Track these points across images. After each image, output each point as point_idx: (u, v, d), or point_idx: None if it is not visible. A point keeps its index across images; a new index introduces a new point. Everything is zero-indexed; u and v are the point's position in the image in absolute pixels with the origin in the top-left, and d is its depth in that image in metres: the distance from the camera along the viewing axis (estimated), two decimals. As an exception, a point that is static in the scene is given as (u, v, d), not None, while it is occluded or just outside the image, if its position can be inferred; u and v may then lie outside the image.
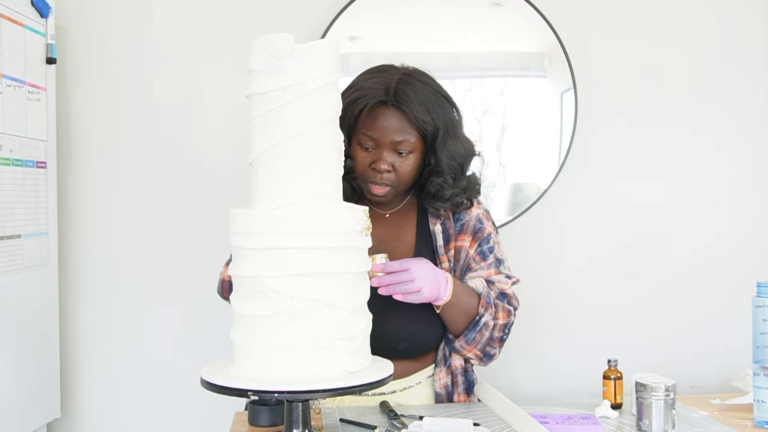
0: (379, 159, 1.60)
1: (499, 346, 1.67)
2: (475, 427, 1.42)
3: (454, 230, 1.70)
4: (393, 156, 1.61)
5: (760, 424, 1.52)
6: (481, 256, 1.69)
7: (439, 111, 1.61)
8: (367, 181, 1.63)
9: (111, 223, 2.36)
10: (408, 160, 1.62)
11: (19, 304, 1.97)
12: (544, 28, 2.40)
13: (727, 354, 2.38)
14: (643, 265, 2.48)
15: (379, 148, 1.60)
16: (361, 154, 1.62)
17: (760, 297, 1.51)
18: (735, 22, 2.50)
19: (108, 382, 2.36)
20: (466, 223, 1.71)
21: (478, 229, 1.70)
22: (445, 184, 1.65)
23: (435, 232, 1.70)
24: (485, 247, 1.69)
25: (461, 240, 1.70)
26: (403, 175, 1.62)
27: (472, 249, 1.69)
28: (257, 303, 1.30)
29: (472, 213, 1.72)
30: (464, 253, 1.69)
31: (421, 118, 1.58)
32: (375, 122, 1.59)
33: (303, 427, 1.35)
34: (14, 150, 1.94)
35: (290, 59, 1.32)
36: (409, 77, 1.62)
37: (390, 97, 1.59)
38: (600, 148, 2.46)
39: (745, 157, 2.51)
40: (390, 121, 1.59)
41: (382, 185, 1.62)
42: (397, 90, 1.59)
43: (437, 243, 1.69)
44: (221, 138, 2.34)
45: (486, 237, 1.70)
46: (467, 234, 1.70)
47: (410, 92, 1.59)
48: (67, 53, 2.32)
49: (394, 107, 1.59)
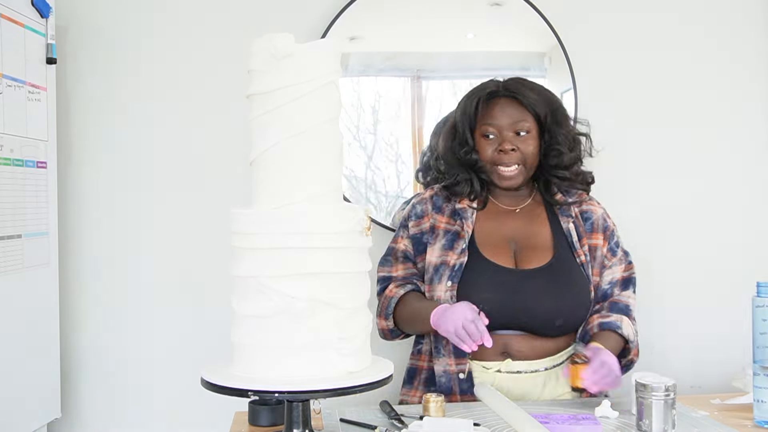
0: (504, 141, 1.80)
1: None
2: (475, 427, 1.42)
3: (584, 228, 1.87)
4: (514, 138, 1.81)
5: (760, 424, 1.52)
6: (611, 253, 1.88)
7: (546, 94, 1.86)
8: (495, 165, 1.82)
9: (111, 223, 2.36)
10: (528, 139, 1.82)
11: (19, 304, 1.97)
12: (544, 28, 2.40)
13: (727, 354, 2.38)
14: (643, 266, 2.46)
15: (500, 133, 1.81)
16: (485, 143, 1.83)
17: (760, 297, 1.51)
18: (735, 21, 2.49)
19: (108, 382, 2.36)
20: (595, 222, 1.88)
21: (605, 227, 1.89)
22: (563, 152, 1.84)
23: (569, 229, 1.85)
24: (612, 243, 1.88)
25: (595, 238, 1.87)
26: (526, 153, 1.82)
27: (605, 247, 1.87)
28: (257, 303, 1.30)
29: (597, 212, 1.90)
30: (599, 251, 1.86)
31: (531, 99, 1.81)
32: (492, 112, 1.83)
33: (303, 427, 1.35)
34: (14, 150, 1.94)
35: (290, 59, 1.32)
36: (514, 78, 1.88)
37: (501, 89, 1.84)
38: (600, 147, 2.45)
39: (746, 158, 2.51)
40: (505, 107, 1.82)
41: (511, 165, 1.80)
42: (507, 84, 1.85)
43: (572, 239, 1.84)
44: (221, 138, 2.34)
45: (612, 234, 1.89)
46: (599, 232, 1.88)
47: (518, 84, 1.85)
48: (67, 53, 2.32)
49: (507, 97, 1.83)
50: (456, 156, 1.86)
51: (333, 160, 1.39)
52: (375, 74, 2.41)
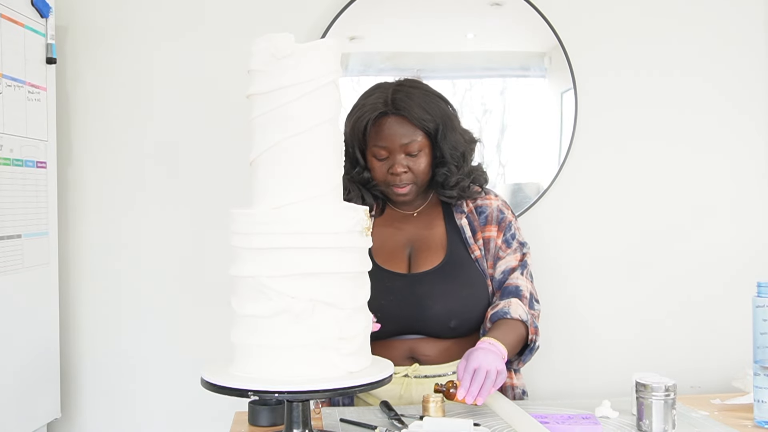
0: (395, 164, 1.75)
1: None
2: (475, 427, 1.42)
3: (479, 222, 1.84)
4: (406, 158, 1.75)
5: (760, 424, 1.52)
6: (506, 244, 1.83)
7: (435, 108, 1.76)
8: (389, 186, 1.78)
9: (111, 223, 2.36)
10: (420, 158, 1.76)
11: (19, 304, 1.97)
12: (544, 28, 2.40)
13: (727, 354, 2.38)
14: (644, 266, 2.48)
15: (392, 154, 1.75)
16: (377, 164, 1.78)
17: (760, 297, 1.51)
18: (736, 21, 2.49)
19: (108, 382, 2.36)
20: (489, 215, 1.84)
21: (501, 219, 1.85)
22: (449, 173, 1.80)
23: (462, 225, 1.83)
24: (508, 235, 1.84)
25: (488, 231, 1.83)
26: (418, 172, 1.77)
27: (499, 239, 1.83)
28: (257, 303, 1.30)
29: (492, 205, 1.86)
30: (493, 243, 1.82)
31: (420, 117, 1.74)
32: (382, 133, 1.75)
33: (303, 427, 1.35)
34: (14, 150, 1.94)
35: (290, 59, 1.32)
36: (402, 86, 1.79)
37: (389, 107, 1.74)
38: (600, 148, 2.46)
39: (746, 158, 2.51)
40: (395, 127, 1.74)
41: (403, 185, 1.76)
42: (395, 99, 1.74)
43: (466, 234, 1.82)
44: (221, 138, 2.34)
45: (508, 225, 1.85)
46: (493, 225, 1.84)
47: (406, 98, 1.75)
48: (67, 53, 2.32)
49: (395, 115, 1.74)
50: (347, 174, 1.76)
51: (333, 160, 1.39)
52: (375, 74, 2.41)
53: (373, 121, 1.75)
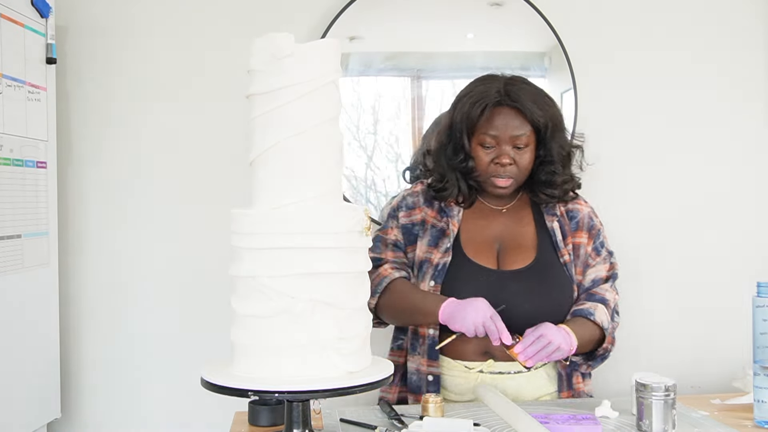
0: (502, 154, 1.77)
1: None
2: (475, 427, 1.42)
3: (569, 227, 1.87)
4: (512, 151, 1.78)
5: (760, 424, 1.52)
6: (596, 252, 1.87)
7: (546, 106, 1.81)
8: (490, 176, 1.80)
9: (111, 223, 2.36)
10: (526, 153, 1.79)
11: (19, 304, 1.97)
12: (544, 28, 2.40)
13: (727, 354, 2.38)
14: (644, 265, 2.47)
15: (499, 145, 1.78)
16: (483, 152, 1.79)
17: (760, 297, 1.51)
18: (736, 21, 2.49)
19: (108, 382, 2.36)
20: (581, 221, 1.88)
21: (591, 226, 1.88)
22: (556, 171, 1.82)
23: (553, 228, 1.85)
24: (597, 243, 1.88)
25: (579, 237, 1.87)
26: (522, 167, 1.79)
27: (590, 246, 1.86)
28: (257, 303, 1.30)
29: (584, 211, 1.89)
30: (583, 249, 1.85)
31: (534, 111, 1.77)
32: (494, 121, 1.77)
33: (303, 427, 1.35)
34: (14, 150, 1.94)
35: (290, 59, 1.32)
36: (514, 80, 1.82)
37: (504, 97, 1.77)
38: (600, 148, 2.45)
39: (746, 157, 2.51)
40: (507, 118, 1.77)
41: (505, 177, 1.78)
42: (509, 91, 1.78)
43: (556, 238, 1.84)
44: (221, 138, 2.34)
45: (598, 233, 1.89)
46: (584, 231, 1.87)
47: (520, 92, 1.78)
48: (67, 53, 2.32)
49: (509, 106, 1.77)
50: (449, 160, 1.83)
51: (333, 160, 1.39)
52: (375, 74, 2.41)
53: (490, 108, 1.77)
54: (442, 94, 2.42)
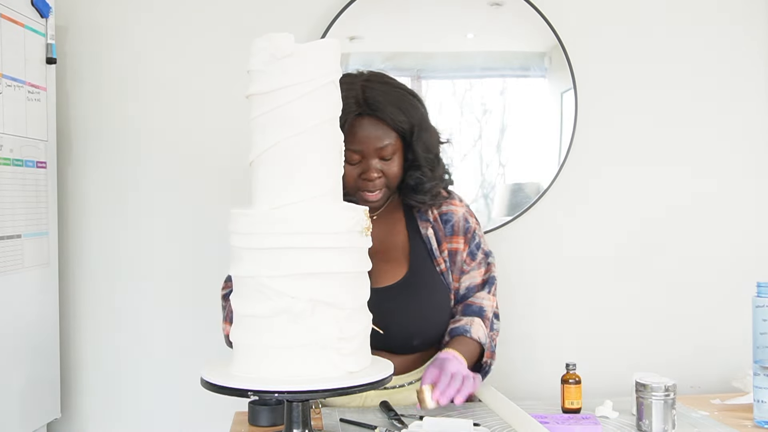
0: (368, 169, 1.62)
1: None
2: (475, 427, 1.42)
3: (444, 231, 1.74)
4: (379, 162, 1.63)
5: (760, 424, 1.52)
6: (471, 257, 1.75)
7: (410, 108, 1.65)
8: (359, 191, 1.65)
9: (111, 223, 2.36)
10: (393, 162, 1.65)
11: (19, 304, 1.97)
12: (544, 28, 2.40)
13: (727, 354, 2.38)
14: (644, 265, 2.48)
15: (365, 158, 1.62)
16: (348, 169, 1.59)
17: (760, 297, 1.51)
18: (736, 22, 2.49)
19: (108, 382, 2.36)
20: (456, 224, 1.75)
21: (467, 230, 1.76)
22: (423, 177, 1.69)
23: (428, 236, 1.73)
24: (473, 246, 1.75)
25: (455, 242, 1.75)
26: (391, 177, 1.66)
27: (465, 251, 1.75)
28: (257, 303, 1.30)
29: (458, 213, 1.76)
30: (459, 255, 1.74)
31: (396, 118, 1.62)
32: (356, 135, 1.60)
33: (303, 427, 1.35)
34: (14, 150, 1.94)
35: (290, 59, 1.32)
36: (372, 83, 1.65)
37: (363, 106, 1.60)
38: (600, 148, 2.46)
39: (746, 157, 2.51)
40: (369, 129, 1.61)
41: (375, 191, 1.65)
42: (367, 98, 1.61)
43: (431, 246, 1.73)
44: (221, 138, 2.34)
45: (473, 235, 1.76)
46: (459, 235, 1.75)
47: (379, 97, 1.61)
48: (67, 53, 2.32)
49: (369, 116, 1.61)
50: None
51: (333, 160, 1.39)
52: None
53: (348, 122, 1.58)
54: (442, 94, 2.43)
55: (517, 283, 2.40)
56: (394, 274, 1.69)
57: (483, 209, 2.44)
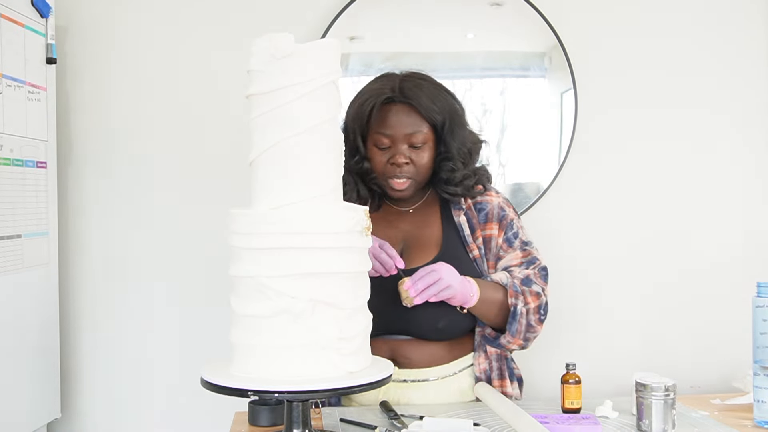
0: (397, 153, 1.68)
1: (539, 326, 1.72)
2: (475, 427, 1.42)
3: (478, 219, 1.76)
4: (409, 150, 1.68)
5: (760, 424, 1.52)
6: (507, 243, 1.75)
7: (443, 101, 1.71)
8: (387, 178, 1.70)
9: (111, 223, 2.36)
10: (423, 151, 1.69)
11: (19, 304, 1.97)
12: (544, 28, 2.40)
13: (727, 354, 2.38)
14: (644, 266, 2.48)
15: (394, 144, 1.68)
16: (378, 153, 1.70)
17: (760, 297, 1.51)
18: (736, 20, 2.49)
19: (108, 382, 2.36)
20: (490, 212, 1.76)
21: (502, 217, 1.77)
22: (455, 168, 1.72)
23: (460, 222, 1.75)
24: (510, 234, 1.76)
25: (489, 228, 1.76)
26: (420, 166, 1.70)
27: (500, 237, 1.75)
28: (257, 303, 1.30)
29: (493, 201, 1.78)
30: (494, 241, 1.75)
31: (429, 108, 1.68)
32: (387, 120, 1.68)
33: (303, 427, 1.35)
34: (14, 150, 1.94)
35: (290, 59, 1.32)
36: (410, 77, 1.73)
37: (397, 93, 1.68)
38: (600, 148, 2.46)
39: (746, 158, 2.51)
40: (401, 116, 1.68)
41: (402, 178, 1.69)
42: (403, 87, 1.69)
43: (464, 233, 1.74)
44: (221, 138, 2.34)
45: (510, 223, 1.77)
46: (494, 222, 1.76)
47: (415, 88, 1.69)
48: (67, 53, 2.32)
49: (402, 103, 1.68)
50: (346, 162, 1.57)
51: (333, 160, 1.39)
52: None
53: (379, 106, 1.67)
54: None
55: (517, 283, 2.40)
56: (425, 256, 1.71)
57: (483, 209, 2.43)
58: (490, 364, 1.74)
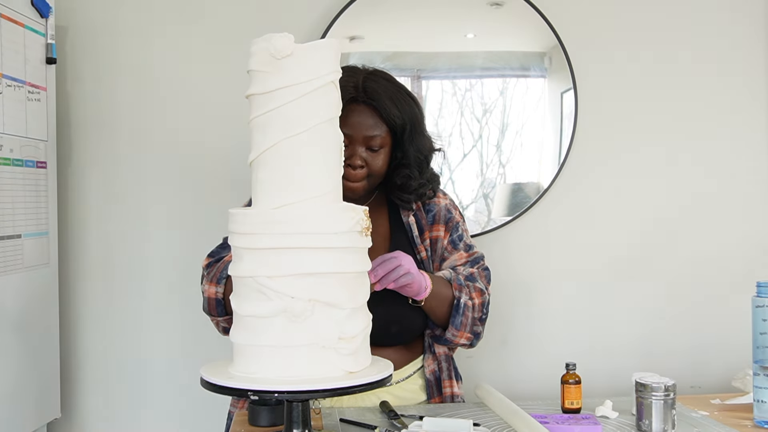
0: (353, 155, 1.63)
1: (482, 325, 1.71)
2: (475, 427, 1.42)
3: (426, 221, 1.76)
4: (365, 152, 1.64)
5: (760, 424, 1.52)
6: (452, 245, 1.75)
7: (405, 106, 1.66)
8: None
9: (111, 223, 2.36)
10: (379, 155, 1.66)
11: (19, 304, 1.97)
12: (544, 28, 2.40)
13: (727, 354, 2.38)
14: (644, 265, 2.48)
15: (352, 144, 1.63)
16: None
17: (760, 297, 1.51)
18: (735, 20, 2.49)
19: (108, 382, 2.36)
20: (437, 214, 1.76)
21: (448, 219, 1.76)
22: (411, 176, 1.70)
23: (409, 223, 1.74)
24: (455, 236, 1.76)
25: (436, 230, 1.76)
26: (375, 169, 1.66)
27: (446, 239, 1.75)
28: (257, 303, 1.30)
29: (441, 204, 1.78)
30: (440, 243, 1.75)
31: (391, 112, 1.63)
32: (348, 119, 1.59)
33: (303, 427, 1.35)
34: (14, 150, 1.94)
35: (290, 59, 1.32)
36: (375, 75, 1.68)
37: (360, 93, 1.63)
38: (600, 148, 2.46)
39: (746, 158, 2.51)
40: (362, 116, 1.63)
41: (355, 181, 1.64)
42: (366, 87, 1.64)
43: (413, 233, 1.74)
44: (221, 138, 2.34)
45: (455, 225, 1.76)
46: (441, 224, 1.76)
47: (378, 89, 1.64)
48: (67, 53, 2.32)
49: (364, 104, 1.63)
50: None
51: (333, 160, 1.39)
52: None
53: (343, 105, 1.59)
54: (442, 94, 2.43)
55: (516, 282, 2.40)
56: (373, 257, 1.61)
57: (483, 209, 2.44)
58: (439, 365, 1.74)
